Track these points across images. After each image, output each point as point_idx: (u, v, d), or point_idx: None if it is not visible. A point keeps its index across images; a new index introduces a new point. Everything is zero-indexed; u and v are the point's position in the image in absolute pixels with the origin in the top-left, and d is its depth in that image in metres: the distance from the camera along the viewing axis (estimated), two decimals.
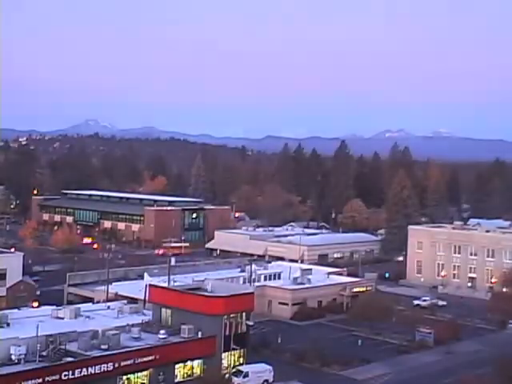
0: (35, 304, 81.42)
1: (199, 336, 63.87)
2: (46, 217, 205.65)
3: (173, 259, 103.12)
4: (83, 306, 76.22)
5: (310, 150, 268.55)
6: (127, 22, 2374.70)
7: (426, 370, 73.59)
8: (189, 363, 63.47)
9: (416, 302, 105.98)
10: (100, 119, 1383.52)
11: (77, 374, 54.05)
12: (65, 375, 53.41)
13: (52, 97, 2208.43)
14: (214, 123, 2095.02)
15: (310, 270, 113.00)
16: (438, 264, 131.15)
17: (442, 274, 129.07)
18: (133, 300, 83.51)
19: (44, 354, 54.86)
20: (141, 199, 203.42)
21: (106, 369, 55.94)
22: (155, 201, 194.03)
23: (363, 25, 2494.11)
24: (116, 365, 56.73)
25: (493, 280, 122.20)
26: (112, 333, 59.58)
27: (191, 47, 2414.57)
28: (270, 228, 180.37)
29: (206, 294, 68.10)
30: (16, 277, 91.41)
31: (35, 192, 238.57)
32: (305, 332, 79.00)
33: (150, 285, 77.27)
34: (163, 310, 67.94)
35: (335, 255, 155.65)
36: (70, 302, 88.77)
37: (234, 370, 64.06)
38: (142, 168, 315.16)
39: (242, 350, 65.86)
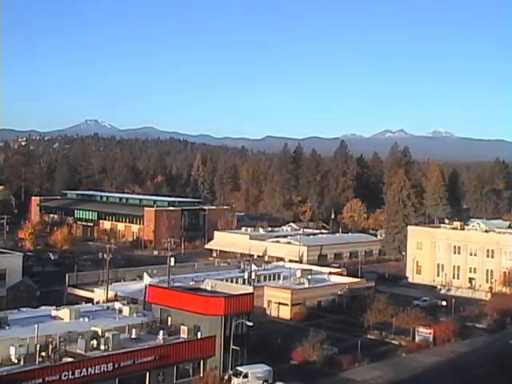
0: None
1: (199, 336, 63.89)
2: (45, 217, 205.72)
3: (172, 260, 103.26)
4: (83, 307, 76.33)
5: (310, 150, 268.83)
6: (126, 22, 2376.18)
7: (426, 370, 73.58)
8: (188, 364, 63.51)
9: (416, 302, 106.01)
10: (100, 119, 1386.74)
11: (77, 375, 54.01)
12: (64, 375, 53.37)
13: (52, 97, 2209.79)
14: (213, 123, 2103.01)
15: (310, 270, 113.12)
16: (438, 264, 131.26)
17: (442, 274, 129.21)
18: (132, 300, 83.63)
19: (44, 354, 54.86)
20: (140, 199, 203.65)
21: (105, 369, 55.88)
22: (155, 201, 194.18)
23: (363, 24, 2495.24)
24: (116, 365, 56.68)
25: (492, 280, 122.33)
26: (112, 333, 59.55)
27: (190, 46, 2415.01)
28: (270, 228, 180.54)
29: (206, 294, 68.09)
30: (16, 277, 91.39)
31: (35, 192, 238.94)
32: (304, 332, 78.94)
33: (150, 285, 77.41)
34: (163, 310, 67.95)
35: (335, 255, 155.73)
36: (69, 303, 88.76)
37: (233, 370, 64.05)
38: (141, 168, 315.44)
39: (241, 351, 65.81)
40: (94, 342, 58.49)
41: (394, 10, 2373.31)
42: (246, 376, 62.84)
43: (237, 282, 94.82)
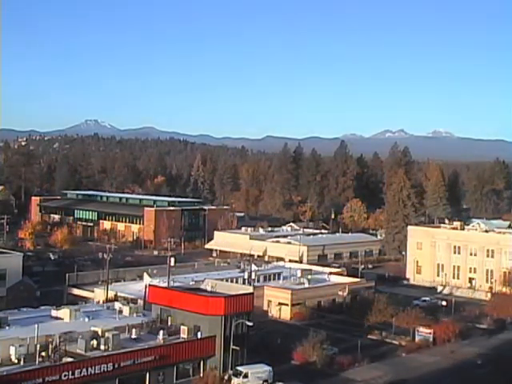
0: None
1: (199, 336, 63.91)
2: (45, 217, 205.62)
3: (172, 260, 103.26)
4: (83, 307, 76.33)
5: (310, 149, 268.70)
6: (127, 22, 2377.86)
7: (426, 370, 73.54)
8: (188, 364, 63.51)
9: (416, 302, 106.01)
10: (100, 119, 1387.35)
11: (77, 375, 54.02)
12: (64, 375, 53.38)
13: (52, 97, 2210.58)
14: (213, 123, 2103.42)
15: (310, 270, 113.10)
16: (438, 264, 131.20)
17: (442, 274, 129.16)
18: (132, 300, 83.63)
19: (44, 354, 54.85)
20: (140, 199, 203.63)
21: (105, 369, 55.90)
22: (155, 201, 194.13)
23: (363, 25, 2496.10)
24: (116, 365, 56.68)
25: (492, 280, 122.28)
26: (112, 333, 59.54)
27: (190, 46, 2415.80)
28: (270, 228, 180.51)
29: (206, 294, 68.11)
30: (16, 277, 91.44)
31: (35, 192, 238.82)
32: (304, 332, 78.91)
33: (150, 285, 77.41)
34: (163, 310, 67.96)
35: (335, 255, 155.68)
36: (69, 303, 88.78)
37: (233, 370, 64.05)
38: (141, 168, 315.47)
39: (241, 351, 65.81)
40: (94, 342, 58.49)
41: (394, 11, 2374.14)
42: (246, 376, 62.86)
43: (237, 282, 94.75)
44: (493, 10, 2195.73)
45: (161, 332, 62.61)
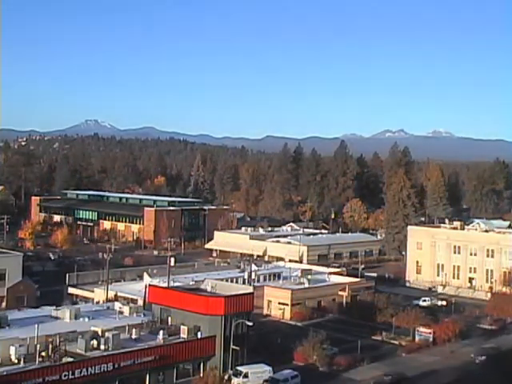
0: None
1: (199, 336, 63.90)
2: (45, 217, 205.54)
3: (172, 260, 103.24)
4: (83, 307, 76.33)
5: (310, 149, 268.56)
6: (127, 22, 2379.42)
7: (426, 370, 73.49)
8: (188, 364, 63.48)
9: (416, 302, 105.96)
10: (100, 119, 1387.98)
11: (77, 375, 54.04)
12: (65, 375, 53.40)
13: (52, 97, 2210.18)
14: (213, 123, 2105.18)
15: (310, 270, 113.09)
16: (438, 264, 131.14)
17: (442, 274, 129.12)
18: (132, 300, 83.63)
19: (44, 354, 54.83)
20: (140, 199, 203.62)
21: (105, 369, 55.92)
22: (155, 201, 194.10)
23: (362, 24, 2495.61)
24: (116, 365, 56.70)
25: (492, 280, 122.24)
26: (112, 333, 59.53)
27: (190, 46, 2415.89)
28: (270, 228, 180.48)
29: (206, 294, 68.11)
30: (16, 277, 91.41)
31: (35, 192, 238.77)
32: (304, 332, 78.89)
33: (150, 285, 77.42)
34: (163, 310, 67.97)
35: (335, 255, 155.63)
36: (69, 303, 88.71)
37: (233, 370, 64.03)
38: (141, 168, 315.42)
39: (241, 351, 65.79)
40: (94, 342, 58.48)
41: (394, 12, 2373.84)
42: (246, 376, 62.87)
43: (237, 282, 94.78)
44: (493, 10, 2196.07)
45: (161, 332, 62.61)
